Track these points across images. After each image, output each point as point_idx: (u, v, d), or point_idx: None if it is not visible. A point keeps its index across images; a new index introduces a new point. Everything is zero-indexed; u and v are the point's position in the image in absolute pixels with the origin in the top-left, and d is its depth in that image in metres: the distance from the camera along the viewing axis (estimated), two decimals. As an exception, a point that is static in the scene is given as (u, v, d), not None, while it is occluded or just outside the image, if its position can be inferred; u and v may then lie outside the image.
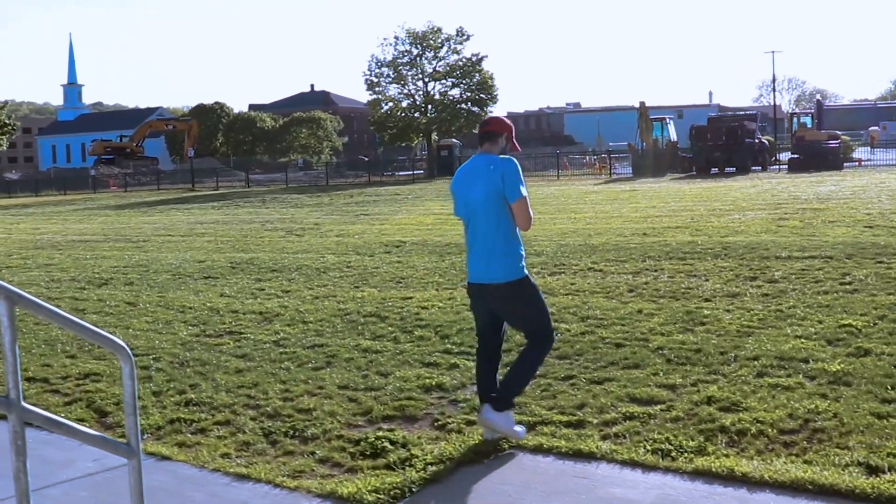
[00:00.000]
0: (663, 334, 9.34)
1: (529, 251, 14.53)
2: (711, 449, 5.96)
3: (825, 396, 6.94)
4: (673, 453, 5.90)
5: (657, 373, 7.88)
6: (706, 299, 11.18)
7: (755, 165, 49.50)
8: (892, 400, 6.75)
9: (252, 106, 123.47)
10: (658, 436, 6.24)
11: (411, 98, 73.07)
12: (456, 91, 72.78)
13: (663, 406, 6.94)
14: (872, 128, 74.85)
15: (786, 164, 49.38)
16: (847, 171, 42.87)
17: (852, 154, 53.75)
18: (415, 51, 71.44)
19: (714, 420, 6.50)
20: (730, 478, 5.47)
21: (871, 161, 51.83)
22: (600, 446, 6.09)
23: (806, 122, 54.50)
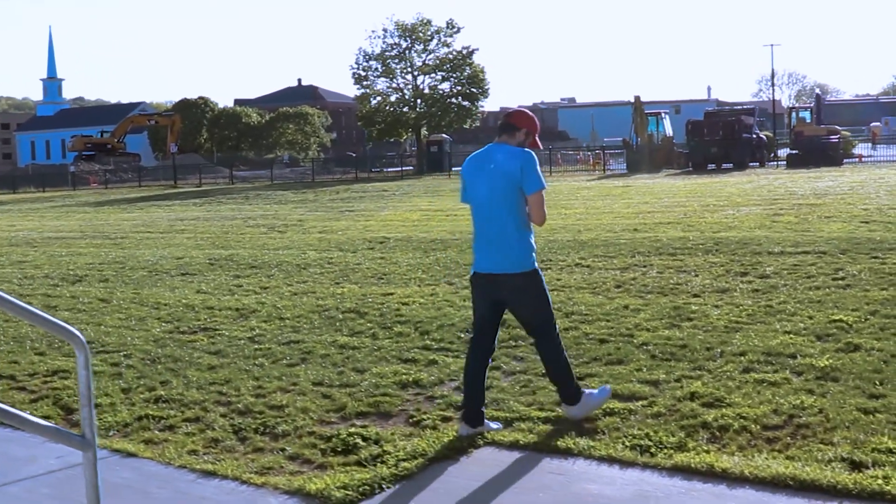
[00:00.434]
0: (649, 330, 9.35)
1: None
2: (692, 445, 5.97)
3: (811, 392, 6.94)
4: (652, 449, 5.90)
5: (640, 368, 7.89)
6: (695, 295, 11.19)
7: (753, 161, 49.53)
8: (880, 395, 6.76)
9: (238, 101, 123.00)
10: (638, 432, 6.24)
11: (400, 92, 72.78)
12: (446, 85, 72.47)
13: (645, 402, 6.94)
14: (874, 123, 74.93)
15: (784, 160, 49.45)
16: (846, 167, 42.95)
17: (853, 150, 53.81)
18: (404, 43, 71.17)
19: (696, 416, 6.51)
20: (709, 474, 5.47)
21: (873, 157, 51.87)
22: (578, 442, 6.09)
23: (805, 117, 54.76)
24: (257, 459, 6.18)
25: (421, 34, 70.87)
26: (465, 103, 72.06)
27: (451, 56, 71.64)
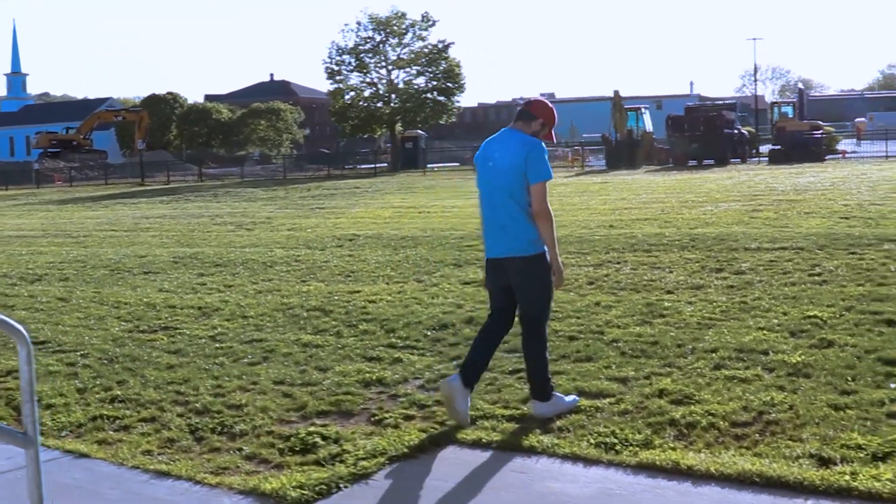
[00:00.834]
0: (619, 327, 9.38)
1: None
2: (658, 442, 5.99)
3: (782, 388, 6.98)
4: (617, 447, 5.92)
5: (609, 366, 7.91)
6: (668, 291, 11.23)
7: (734, 157, 49.66)
8: (851, 391, 6.80)
9: (208, 96, 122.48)
10: (604, 429, 6.25)
11: (374, 87, 72.64)
12: (421, 80, 72.41)
13: (612, 399, 6.96)
14: (859, 119, 75.28)
15: (766, 156, 49.64)
16: (829, 163, 43.16)
17: (836, 146, 54.09)
18: (378, 37, 70.98)
19: (664, 413, 6.53)
20: (674, 471, 5.49)
21: (857, 153, 52.18)
22: (542, 440, 6.10)
23: (787, 112, 54.93)
24: (213, 459, 6.17)
25: (395, 27, 70.72)
26: (441, 98, 72.04)
27: (427, 50, 71.55)
